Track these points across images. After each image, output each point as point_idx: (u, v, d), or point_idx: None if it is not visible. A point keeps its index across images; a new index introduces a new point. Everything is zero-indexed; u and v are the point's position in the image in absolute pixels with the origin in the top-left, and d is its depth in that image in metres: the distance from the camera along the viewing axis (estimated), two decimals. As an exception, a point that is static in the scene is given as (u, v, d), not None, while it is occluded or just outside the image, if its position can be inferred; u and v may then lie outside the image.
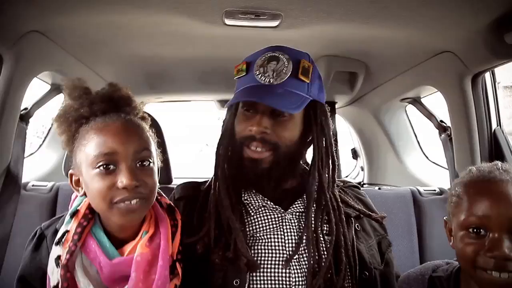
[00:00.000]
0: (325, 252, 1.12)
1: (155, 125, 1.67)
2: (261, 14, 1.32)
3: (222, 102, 2.57)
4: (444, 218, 1.01)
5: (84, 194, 1.01)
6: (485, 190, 0.87)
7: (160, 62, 1.94)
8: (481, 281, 0.86)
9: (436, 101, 1.97)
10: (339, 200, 1.22)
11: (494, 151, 1.63)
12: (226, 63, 1.40)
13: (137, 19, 1.40)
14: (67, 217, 1.02)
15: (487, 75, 1.64)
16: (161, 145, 1.67)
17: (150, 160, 0.99)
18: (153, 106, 2.81)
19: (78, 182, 1.01)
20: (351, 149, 2.94)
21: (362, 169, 2.83)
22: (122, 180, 0.91)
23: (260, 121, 1.12)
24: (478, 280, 0.87)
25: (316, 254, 1.11)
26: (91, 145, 0.94)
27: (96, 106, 1.00)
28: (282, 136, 1.14)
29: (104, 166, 0.92)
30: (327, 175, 1.19)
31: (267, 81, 1.12)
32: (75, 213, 1.01)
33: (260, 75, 1.13)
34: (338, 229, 1.16)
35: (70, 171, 1.03)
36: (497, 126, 1.67)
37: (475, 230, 0.86)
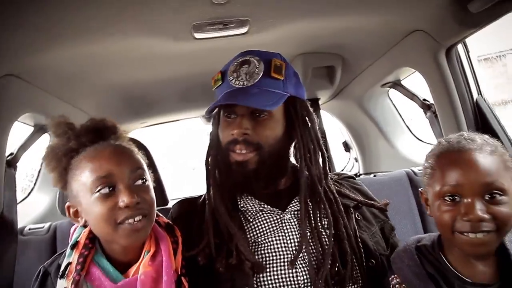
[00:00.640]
0: (328, 246, 1.12)
1: (143, 150, 1.68)
2: (228, 23, 1.33)
3: (209, 118, 2.56)
4: (420, 189, 1.08)
5: (84, 225, 1.04)
6: (455, 160, 0.94)
7: (139, 87, 1.94)
8: (460, 244, 0.93)
9: (419, 82, 1.99)
10: (335, 192, 1.22)
11: (480, 120, 1.65)
12: (204, 77, 1.41)
13: (109, 47, 1.41)
14: (68, 250, 1.03)
15: (460, 48, 1.66)
16: (152, 167, 1.69)
17: (145, 178, 1.02)
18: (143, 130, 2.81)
19: (76, 213, 1.03)
20: (342, 142, 2.94)
21: (356, 160, 2.83)
22: (123, 199, 0.94)
23: (240, 123, 1.13)
24: (458, 243, 0.93)
25: (320, 249, 1.11)
26: (86, 172, 0.97)
27: (83, 137, 1.04)
28: (264, 135, 1.15)
29: (103, 189, 0.95)
30: (317, 169, 1.20)
31: (241, 84, 1.15)
32: (75, 245, 1.03)
33: (234, 80, 1.16)
34: (338, 222, 1.16)
35: (67, 204, 1.04)
36: (478, 95, 1.68)
37: (450, 197, 0.93)
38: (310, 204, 1.17)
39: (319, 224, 1.15)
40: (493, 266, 0.96)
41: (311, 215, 1.16)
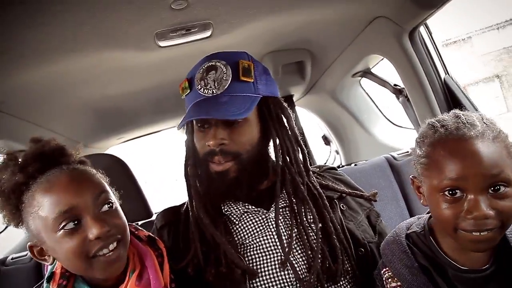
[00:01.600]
0: (316, 242, 1.11)
1: (120, 164, 1.66)
2: (191, 27, 1.32)
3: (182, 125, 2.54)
4: (411, 176, 0.99)
5: (53, 263, 0.95)
6: (457, 151, 0.83)
7: (111, 101, 1.91)
8: (463, 241, 0.85)
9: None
10: (318, 187, 1.21)
11: (450, 98, 1.68)
12: (176, 85, 1.39)
13: (73, 65, 1.39)
14: (45, 284, 0.95)
15: (423, 31, 1.69)
16: (132, 182, 1.66)
17: (111, 201, 0.94)
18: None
19: (42, 252, 0.93)
20: (322, 136, 2.96)
21: (337, 152, 2.85)
22: (93, 231, 0.86)
23: (215, 134, 1.10)
24: (461, 241, 0.85)
25: (308, 246, 1.10)
26: (44, 208, 0.86)
27: (30, 168, 0.92)
28: (240, 142, 1.13)
29: (68, 224, 0.86)
30: (298, 166, 1.19)
31: (210, 92, 1.11)
32: (51, 277, 0.95)
33: (202, 88, 1.12)
34: (324, 216, 1.15)
35: (29, 244, 0.93)
36: (446, 75, 1.72)
37: (450, 192, 0.84)
38: (294, 200, 1.16)
39: (304, 220, 1.14)
40: (489, 251, 0.89)
41: (296, 212, 1.15)
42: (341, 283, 1.10)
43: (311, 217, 1.15)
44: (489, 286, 0.88)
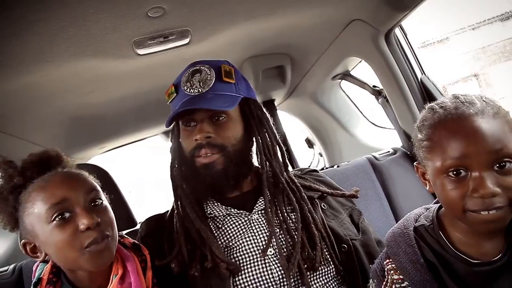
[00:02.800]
0: (296, 232, 1.15)
1: (103, 174, 1.64)
2: (169, 35, 1.33)
3: (168, 134, 2.53)
4: (415, 163, 0.96)
5: (44, 261, 0.99)
6: (457, 129, 0.81)
7: (91, 111, 1.89)
8: (472, 223, 0.82)
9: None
10: (297, 182, 1.26)
11: (427, 97, 1.71)
12: (156, 93, 1.40)
13: (52, 74, 1.37)
14: None
15: (398, 32, 1.73)
16: (116, 191, 1.65)
17: (101, 198, 1.00)
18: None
19: (34, 249, 0.99)
20: (305, 139, 2.97)
21: (321, 155, 2.87)
22: (83, 221, 0.91)
23: (202, 127, 1.16)
24: (470, 222, 0.82)
25: (289, 238, 1.14)
26: (39, 203, 0.93)
27: (28, 172, 0.99)
28: (226, 136, 1.18)
29: (60, 216, 0.92)
30: (277, 162, 1.25)
31: (196, 91, 1.18)
32: (38, 283, 0.98)
33: (188, 89, 1.18)
34: (302, 208, 1.20)
35: (23, 241, 0.99)
36: (422, 74, 1.75)
37: (454, 172, 0.81)
38: (274, 190, 1.21)
39: (286, 214, 1.18)
40: (501, 241, 0.86)
41: (277, 207, 1.19)
42: (322, 272, 1.13)
43: (291, 208, 1.20)
44: (502, 278, 0.84)
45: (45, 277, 0.99)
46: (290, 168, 1.32)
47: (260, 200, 1.22)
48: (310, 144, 2.96)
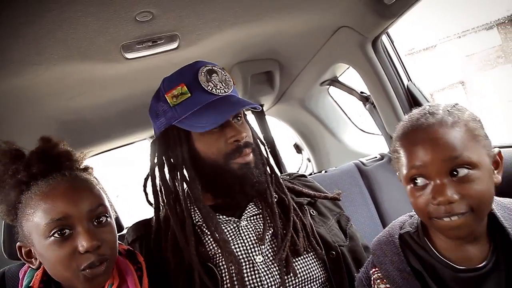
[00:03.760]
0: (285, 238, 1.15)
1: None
2: (157, 39, 1.32)
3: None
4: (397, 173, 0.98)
5: (38, 267, 0.94)
6: (415, 139, 0.85)
7: (78, 114, 1.87)
8: (439, 229, 0.85)
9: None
10: (284, 186, 1.27)
11: (413, 104, 1.74)
12: (145, 97, 1.38)
13: (38, 77, 1.36)
14: None
15: (385, 39, 1.75)
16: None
17: (106, 215, 0.93)
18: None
19: (29, 254, 0.93)
20: (293, 145, 2.98)
21: (309, 160, 2.89)
22: (83, 244, 0.85)
23: (242, 128, 1.16)
24: (437, 229, 0.86)
25: (278, 241, 1.14)
26: (39, 213, 0.87)
27: (34, 168, 0.92)
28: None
29: (59, 233, 0.86)
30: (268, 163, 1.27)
31: (223, 91, 1.16)
32: None
33: (213, 88, 1.15)
34: (290, 213, 1.20)
35: (18, 244, 0.94)
36: (409, 81, 1.78)
37: (417, 180, 0.85)
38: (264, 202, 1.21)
39: (274, 205, 1.19)
40: (486, 247, 0.87)
41: (267, 213, 1.19)
42: (310, 278, 1.13)
43: (281, 214, 1.20)
44: (487, 284, 0.85)
45: (35, 286, 0.93)
46: (278, 173, 1.32)
47: (250, 206, 1.22)
48: (298, 149, 2.97)
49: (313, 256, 1.16)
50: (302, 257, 1.15)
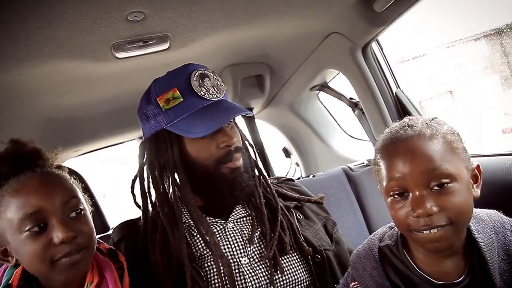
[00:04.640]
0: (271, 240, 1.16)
1: (77, 179, 1.61)
2: (148, 39, 1.32)
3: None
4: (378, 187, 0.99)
5: (16, 265, 0.94)
6: (395, 151, 0.86)
7: (66, 113, 1.86)
8: (419, 242, 0.85)
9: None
10: (273, 190, 1.28)
11: (402, 111, 1.76)
12: (134, 97, 1.37)
13: (26, 74, 1.34)
14: None
15: (375, 47, 1.77)
16: (89, 195, 1.61)
17: (80, 207, 0.94)
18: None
19: (5, 252, 0.93)
20: (282, 149, 2.99)
21: (298, 164, 2.90)
22: (58, 235, 0.86)
23: (233, 133, 1.16)
24: (417, 241, 0.86)
25: (264, 243, 1.15)
26: (11, 209, 0.87)
27: (4, 168, 0.92)
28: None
29: (33, 226, 0.86)
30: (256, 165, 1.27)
31: (215, 97, 1.16)
32: None
33: (205, 94, 1.14)
34: (277, 215, 1.20)
35: None
36: (397, 88, 1.80)
37: (397, 193, 0.84)
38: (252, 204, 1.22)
39: (263, 206, 1.19)
40: (463, 261, 0.88)
41: (254, 215, 1.20)
42: (291, 258, 1.15)
43: (268, 215, 1.21)
44: None
45: (14, 283, 0.92)
46: (266, 175, 1.33)
47: (237, 208, 1.22)
48: (287, 153, 2.98)
49: (297, 257, 1.17)
50: (288, 256, 1.15)
